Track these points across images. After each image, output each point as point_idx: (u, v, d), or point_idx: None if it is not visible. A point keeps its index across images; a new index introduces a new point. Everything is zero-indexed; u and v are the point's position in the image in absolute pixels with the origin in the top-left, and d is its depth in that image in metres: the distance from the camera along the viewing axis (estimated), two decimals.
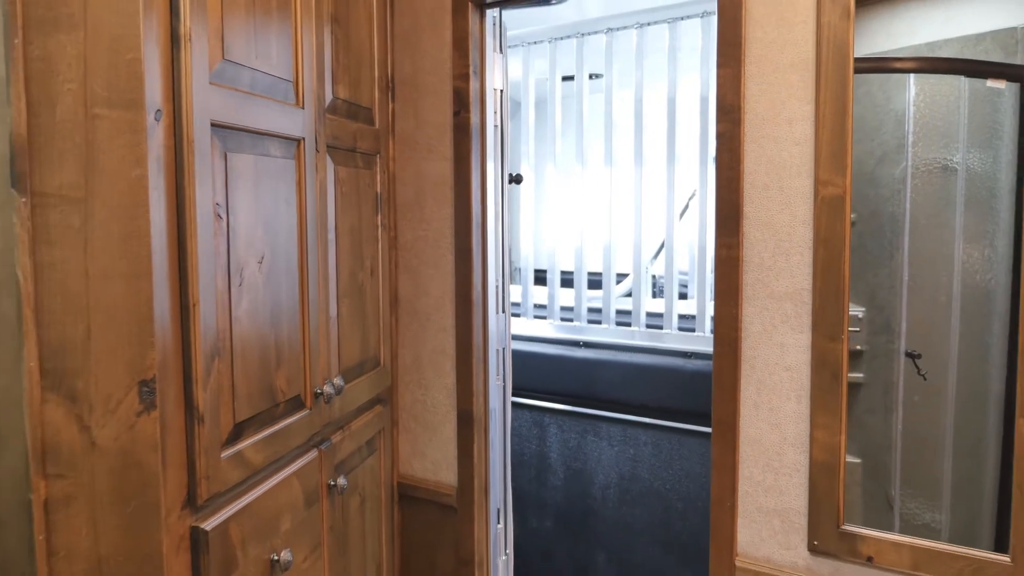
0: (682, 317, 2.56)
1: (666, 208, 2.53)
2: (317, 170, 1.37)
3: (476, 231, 1.78)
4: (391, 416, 1.82)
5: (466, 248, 1.77)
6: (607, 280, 2.63)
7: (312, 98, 1.34)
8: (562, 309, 2.76)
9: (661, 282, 2.82)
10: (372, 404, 1.69)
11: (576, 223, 2.73)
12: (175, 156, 1.00)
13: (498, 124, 1.87)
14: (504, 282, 1.93)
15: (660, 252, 2.86)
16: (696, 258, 2.48)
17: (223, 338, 1.10)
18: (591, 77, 2.96)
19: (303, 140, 1.31)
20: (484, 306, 1.82)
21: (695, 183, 2.46)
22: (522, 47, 2.78)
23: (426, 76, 1.79)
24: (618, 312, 2.65)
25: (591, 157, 2.75)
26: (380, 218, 1.69)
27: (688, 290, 2.63)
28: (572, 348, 2.63)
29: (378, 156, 1.69)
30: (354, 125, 1.55)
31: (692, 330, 2.50)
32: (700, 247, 2.46)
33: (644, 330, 2.56)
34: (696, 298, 2.48)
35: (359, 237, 1.58)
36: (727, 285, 1.44)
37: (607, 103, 2.61)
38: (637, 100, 2.55)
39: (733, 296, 1.44)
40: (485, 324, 1.83)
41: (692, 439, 2.38)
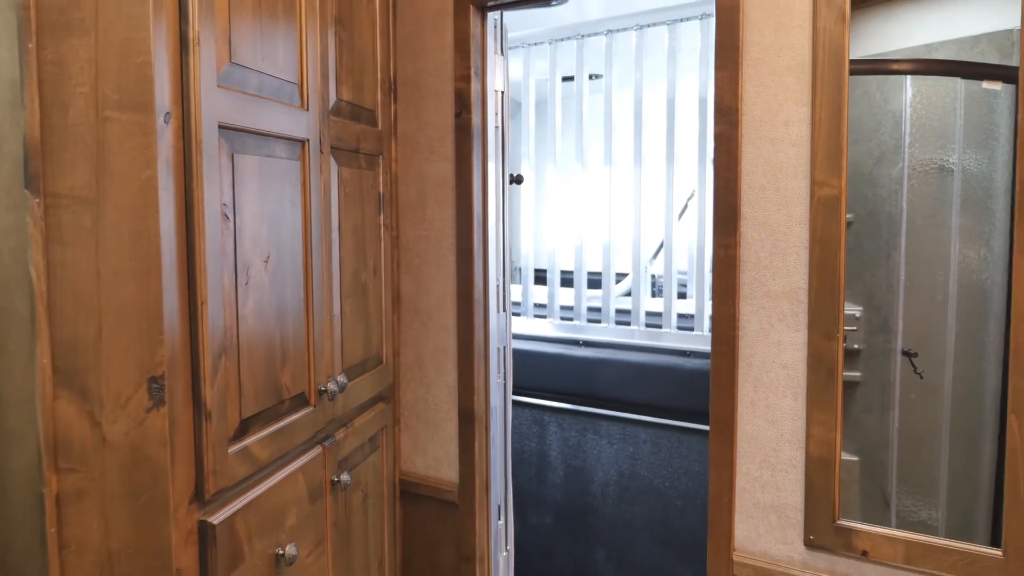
0: (681, 316, 2.57)
1: (665, 208, 2.54)
2: (321, 171, 1.39)
3: (477, 231, 1.79)
4: (393, 414, 1.84)
5: (467, 248, 1.79)
6: (607, 279, 2.64)
7: (316, 100, 1.36)
8: (562, 308, 2.77)
9: (660, 282, 2.83)
10: (375, 402, 1.71)
11: (576, 223, 2.73)
12: (184, 158, 1.01)
13: (499, 125, 1.88)
14: (505, 281, 1.94)
15: (659, 252, 2.87)
16: (695, 258, 2.49)
17: (230, 336, 1.11)
18: (591, 78, 2.97)
19: (308, 141, 1.33)
20: (485, 305, 1.83)
21: (694, 183, 2.47)
22: (522, 48, 2.79)
23: (428, 78, 1.80)
24: (618, 311, 2.66)
25: (591, 157, 2.76)
26: (383, 218, 1.71)
27: (687, 289, 2.64)
28: (572, 347, 2.64)
29: (381, 157, 1.70)
30: (357, 126, 1.57)
31: (691, 329, 2.51)
32: (699, 247, 2.47)
33: (643, 329, 2.57)
34: (695, 297, 2.49)
35: (362, 237, 1.60)
36: (725, 284, 1.46)
37: (607, 104, 2.62)
38: (637, 101, 2.56)
39: (731, 295, 1.45)
40: (486, 323, 1.84)
41: (691, 437, 2.39)
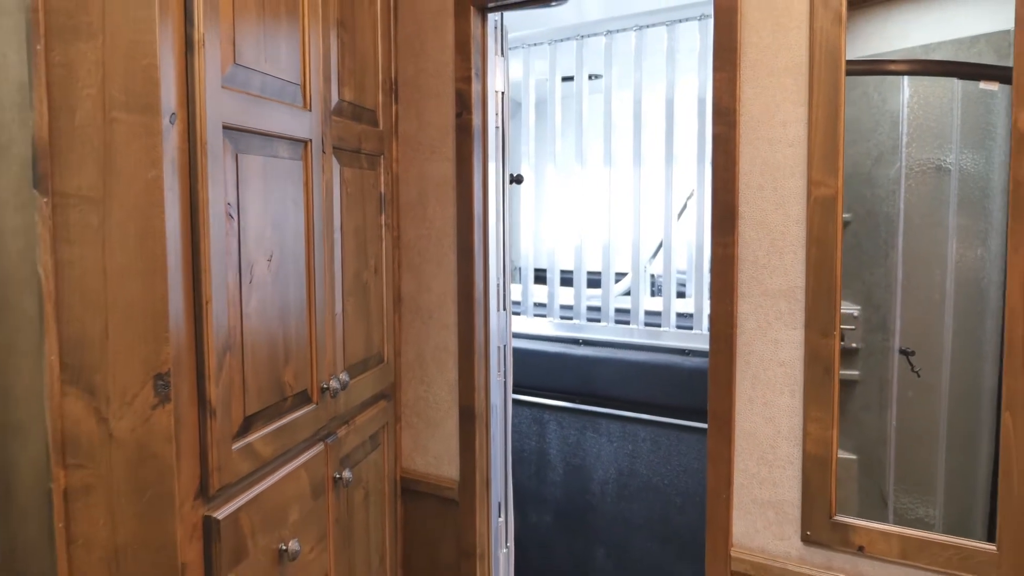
0: (680, 315, 2.58)
1: (664, 208, 2.55)
2: (323, 171, 1.40)
3: (478, 230, 1.80)
4: (394, 411, 1.85)
5: (468, 247, 1.80)
6: (606, 279, 2.65)
7: (319, 100, 1.37)
8: (562, 307, 2.79)
9: (659, 281, 2.84)
10: (376, 399, 1.72)
11: (575, 223, 2.74)
12: (189, 158, 1.03)
13: (499, 125, 1.89)
14: (505, 280, 1.95)
15: (658, 251, 2.89)
16: (694, 257, 2.50)
17: (234, 334, 1.13)
18: (590, 78, 2.98)
19: (310, 142, 1.34)
20: (485, 304, 1.84)
21: (693, 183, 2.48)
22: (522, 48, 2.80)
23: (429, 79, 1.82)
24: (617, 310, 2.68)
25: (590, 157, 2.77)
26: (384, 218, 1.72)
27: (686, 289, 2.65)
28: (571, 346, 2.65)
29: (382, 157, 1.72)
30: (359, 127, 1.58)
31: (690, 328, 2.52)
32: (698, 246, 2.48)
33: (642, 328, 2.58)
34: (693, 296, 2.50)
35: (364, 236, 1.61)
36: (723, 283, 1.47)
37: (606, 104, 2.63)
38: (636, 101, 2.57)
39: (729, 294, 1.47)
40: (486, 321, 1.85)
41: (690, 435, 2.40)
